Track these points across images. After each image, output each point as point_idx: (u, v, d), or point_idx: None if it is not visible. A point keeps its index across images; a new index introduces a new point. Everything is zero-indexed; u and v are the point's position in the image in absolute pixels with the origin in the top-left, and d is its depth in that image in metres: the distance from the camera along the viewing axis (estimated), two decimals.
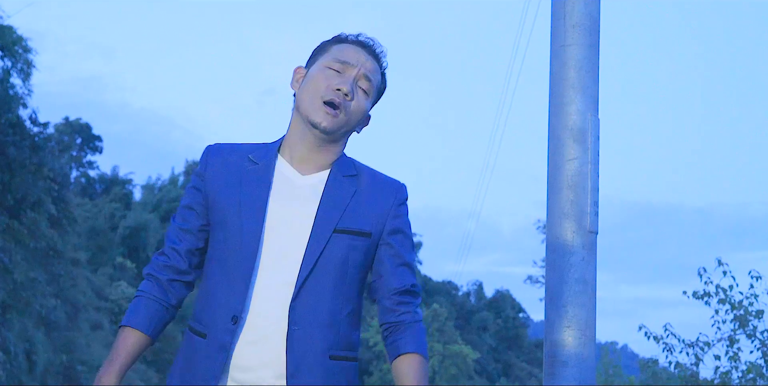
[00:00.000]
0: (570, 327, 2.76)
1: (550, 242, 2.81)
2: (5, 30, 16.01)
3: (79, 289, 22.88)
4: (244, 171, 2.30)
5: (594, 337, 2.78)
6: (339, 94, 2.29)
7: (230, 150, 2.36)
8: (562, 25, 2.85)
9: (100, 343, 22.96)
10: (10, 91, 16.83)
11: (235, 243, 2.21)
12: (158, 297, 2.31)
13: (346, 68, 2.33)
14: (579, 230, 2.77)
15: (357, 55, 2.35)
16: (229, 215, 2.24)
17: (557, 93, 2.84)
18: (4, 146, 16.38)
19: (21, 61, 16.56)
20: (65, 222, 19.48)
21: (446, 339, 41.40)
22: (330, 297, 2.22)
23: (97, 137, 42.91)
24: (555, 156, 2.83)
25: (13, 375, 15.10)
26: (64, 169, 21.59)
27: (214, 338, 2.18)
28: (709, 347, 9.38)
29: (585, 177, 2.79)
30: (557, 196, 2.82)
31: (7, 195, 16.52)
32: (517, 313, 61.79)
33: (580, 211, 2.78)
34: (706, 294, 9.39)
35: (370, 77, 2.35)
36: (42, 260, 18.51)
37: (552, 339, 2.76)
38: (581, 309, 2.78)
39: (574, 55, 2.83)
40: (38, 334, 17.78)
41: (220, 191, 2.28)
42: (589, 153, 2.80)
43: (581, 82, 2.82)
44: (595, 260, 2.79)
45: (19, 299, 15.73)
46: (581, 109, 2.81)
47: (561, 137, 2.82)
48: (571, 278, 2.77)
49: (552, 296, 2.79)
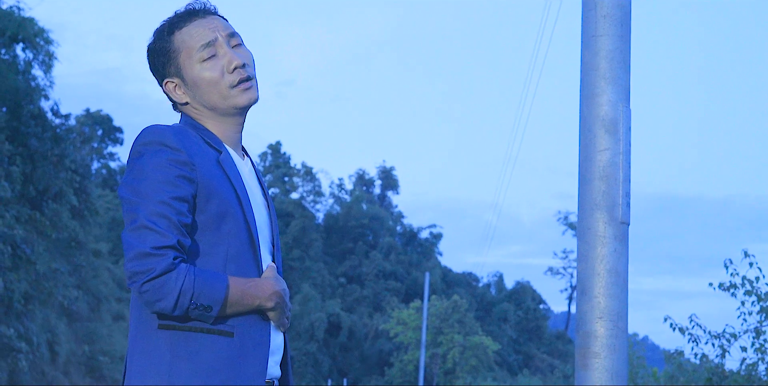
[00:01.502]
0: (602, 318, 2.75)
1: (581, 233, 2.80)
2: (27, 22, 16.09)
3: (101, 280, 23.03)
4: (218, 159, 2.15)
5: (626, 328, 2.77)
6: (240, 71, 2.19)
7: (192, 136, 2.16)
8: (593, 15, 2.84)
9: (122, 334, 23.11)
10: (32, 83, 16.93)
11: (245, 236, 2.12)
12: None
13: (214, 47, 2.19)
14: (611, 221, 2.76)
15: (205, 29, 2.20)
16: (232, 207, 2.10)
17: (588, 84, 2.83)
18: (27, 138, 16.48)
19: (42, 53, 16.66)
20: (87, 213, 19.60)
21: (467, 330, 41.43)
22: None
23: (118, 128, 43.16)
24: (586, 147, 2.82)
25: (36, 365, 15.23)
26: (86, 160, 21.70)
27: (247, 336, 2.07)
28: (736, 338, 9.33)
29: (617, 168, 2.78)
30: (589, 187, 2.81)
31: (30, 187, 16.63)
32: (538, 304, 61.77)
33: (612, 202, 2.77)
34: (732, 286, 9.34)
35: (229, 32, 2.22)
36: (64, 251, 18.64)
37: (584, 330, 2.75)
38: (613, 300, 2.77)
39: (605, 45, 2.82)
40: (60, 325, 17.91)
41: (214, 180, 2.10)
42: (621, 144, 2.79)
43: (612, 72, 2.81)
44: (626, 252, 2.78)
45: (41, 290, 15.85)
46: (613, 99, 2.79)
47: (592, 128, 2.81)
48: (602, 270, 2.76)
49: (584, 287, 2.79)
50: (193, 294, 1.98)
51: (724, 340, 9.35)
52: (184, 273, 1.98)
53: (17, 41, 16.21)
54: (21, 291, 14.38)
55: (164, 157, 2.05)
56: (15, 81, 15.98)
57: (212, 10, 2.27)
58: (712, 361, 9.66)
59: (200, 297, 1.99)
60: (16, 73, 16.17)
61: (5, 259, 13.74)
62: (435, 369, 41.12)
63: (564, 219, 58.70)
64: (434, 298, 42.42)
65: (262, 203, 2.25)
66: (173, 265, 1.97)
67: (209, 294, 2.00)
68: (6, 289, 13.68)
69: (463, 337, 40.79)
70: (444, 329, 41.29)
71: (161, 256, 1.96)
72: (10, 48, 16.22)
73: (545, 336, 60.17)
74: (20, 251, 14.27)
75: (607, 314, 2.74)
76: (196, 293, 1.98)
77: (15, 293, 14.10)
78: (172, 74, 2.23)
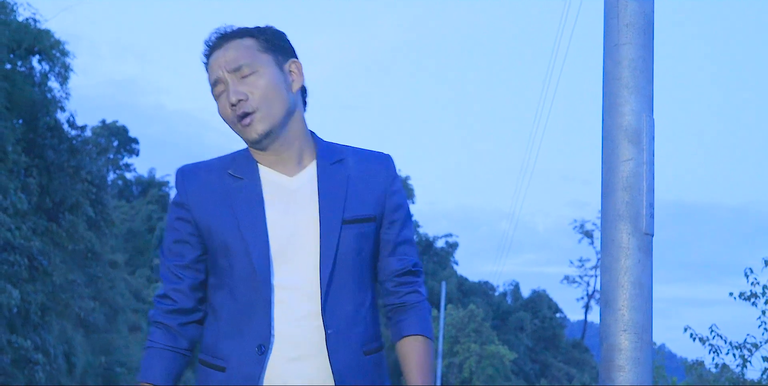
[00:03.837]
0: (626, 330, 2.72)
1: (605, 245, 2.77)
2: (43, 34, 16.17)
3: (118, 291, 23.07)
4: (231, 189, 2.16)
5: (651, 341, 2.74)
6: (235, 109, 2.15)
7: (206, 169, 2.22)
8: (615, 24, 2.81)
9: (139, 345, 23.14)
10: (48, 95, 17.01)
11: (245, 268, 2.11)
12: (170, 345, 2.20)
13: (221, 85, 2.18)
14: (635, 232, 2.73)
15: (213, 66, 2.19)
16: (231, 240, 2.11)
17: (611, 93, 2.81)
18: (43, 149, 16.55)
19: (58, 64, 16.73)
20: (103, 224, 19.65)
21: (483, 339, 41.36)
22: (353, 292, 2.17)
23: (133, 139, 43.33)
24: (609, 157, 2.79)
25: (53, 376, 15.25)
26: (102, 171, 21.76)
27: (237, 370, 2.10)
28: (757, 348, 9.28)
29: (640, 178, 2.75)
30: (612, 197, 2.78)
31: (46, 198, 16.69)
32: (554, 313, 61.54)
33: (636, 213, 2.74)
34: (753, 295, 9.30)
35: (234, 66, 2.16)
36: (80, 262, 18.69)
37: (608, 343, 2.72)
38: (637, 313, 2.74)
39: (627, 54, 2.79)
40: (77, 336, 17.95)
41: (212, 216, 2.14)
42: (644, 154, 2.76)
43: (635, 81, 2.78)
44: (651, 263, 2.75)
45: (58, 301, 15.89)
46: (636, 109, 2.77)
47: (615, 138, 2.78)
48: (626, 281, 2.73)
49: (607, 299, 2.75)
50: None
51: (745, 350, 9.29)
52: (149, 338, 2.23)
53: (33, 53, 16.29)
54: (38, 302, 14.41)
55: (172, 201, 2.23)
56: (31, 93, 16.05)
57: (220, 39, 2.21)
58: (733, 371, 9.61)
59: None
60: (32, 85, 16.24)
61: (22, 271, 13.77)
62: (452, 379, 41.03)
63: (580, 227, 58.55)
64: (450, 307, 42.33)
65: (296, 225, 2.16)
66: (153, 319, 2.22)
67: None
68: (23, 301, 13.71)
69: (480, 346, 40.72)
70: (460, 338, 41.22)
71: (155, 306, 2.23)
72: (26, 60, 16.30)
73: (562, 345, 59.94)
74: (37, 262, 14.29)
75: (632, 326, 2.71)
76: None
77: (32, 304, 14.13)
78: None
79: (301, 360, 2.11)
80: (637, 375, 2.70)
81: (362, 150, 2.30)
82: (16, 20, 15.85)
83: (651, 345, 2.75)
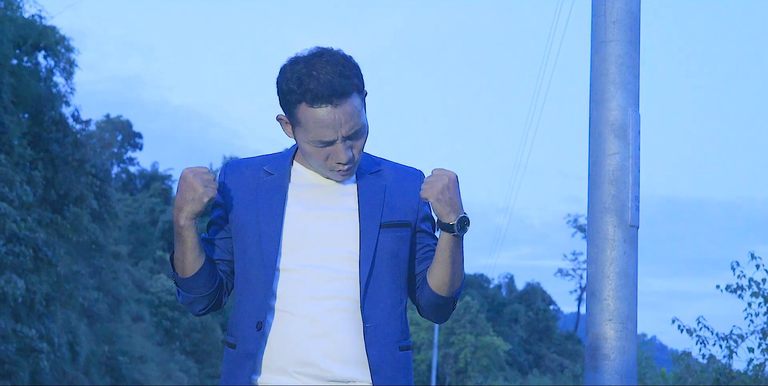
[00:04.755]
0: (612, 320, 2.78)
1: (591, 237, 2.84)
2: (48, 30, 16.24)
3: (121, 282, 23.17)
4: (260, 182, 2.32)
5: (635, 330, 2.80)
6: (339, 165, 2.23)
7: (247, 165, 2.38)
8: (602, 21, 2.87)
9: (142, 334, 23.25)
10: (53, 90, 17.09)
11: (255, 252, 2.25)
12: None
13: (329, 144, 2.19)
14: (620, 224, 2.80)
15: (329, 125, 2.16)
16: (248, 226, 2.27)
17: (598, 89, 2.87)
18: (48, 143, 16.64)
19: (63, 60, 16.80)
20: (107, 217, 19.75)
21: (478, 330, 41.56)
22: (390, 291, 2.28)
23: (137, 134, 43.34)
24: (596, 151, 2.86)
25: (57, 365, 15.35)
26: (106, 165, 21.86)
27: (242, 347, 2.25)
28: (743, 339, 9.37)
29: (626, 172, 2.81)
30: (598, 190, 2.84)
31: (51, 191, 16.78)
32: (548, 305, 61.65)
33: (621, 205, 2.80)
34: (739, 288, 9.37)
35: (351, 134, 2.19)
36: (84, 253, 18.79)
37: (594, 332, 2.79)
38: (623, 303, 2.80)
39: (614, 51, 2.85)
40: (81, 326, 18.05)
41: (237, 204, 2.31)
42: (630, 148, 2.82)
43: (622, 77, 2.84)
44: (636, 254, 2.81)
45: (62, 291, 15.98)
46: (622, 104, 2.83)
47: (602, 133, 2.84)
48: (612, 272, 2.79)
49: (594, 289, 2.82)
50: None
51: (731, 341, 9.38)
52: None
53: (39, 49, 16.36)
54: (43, 292, 14.50)
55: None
56: (37, 88, 16.12)
57: (340, 91, 2.15)
58: (720, 362, 9.70)
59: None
60: (38, 81, 16.32)
61: (27, 261, 13.86)
62: (447, 369, 41.23)
63: (573, 222, 58.57)
64: None
65: (322, 220, 2.27)
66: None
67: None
68: (28, 291, 13.81)
69: (475, 337, 40.92)
70: (456, 329, 41.40)
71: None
72: (32, 56, 16.37)
73: (555, 337, 60.03)
74: (42, 253, 14.39)
75: (617, 316, 2.78)
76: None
77: (37, 294, 14.23)
78: (285, 112, 2.25)
79: (321, 337, 2.21)
80: (622, 364, 2.77)
81: (398, 164, 2.44)
82: (22, 17, 15.92)
83: (636, 334, 2.82)
